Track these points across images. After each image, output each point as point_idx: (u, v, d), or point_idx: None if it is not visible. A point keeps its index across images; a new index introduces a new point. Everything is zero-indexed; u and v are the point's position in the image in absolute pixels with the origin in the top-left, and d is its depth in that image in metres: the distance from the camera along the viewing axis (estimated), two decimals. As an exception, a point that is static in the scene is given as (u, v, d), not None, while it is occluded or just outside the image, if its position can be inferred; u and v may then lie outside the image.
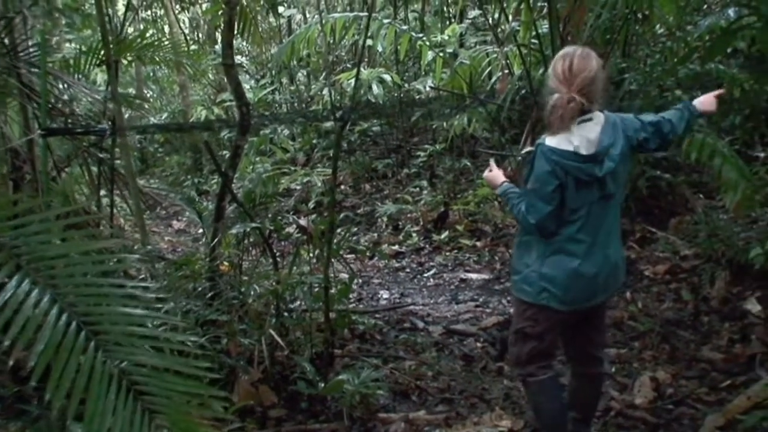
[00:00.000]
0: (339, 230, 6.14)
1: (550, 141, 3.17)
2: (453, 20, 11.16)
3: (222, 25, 5.37)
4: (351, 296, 5.92)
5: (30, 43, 4.64)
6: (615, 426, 4.09)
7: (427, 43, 7.75)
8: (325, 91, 11.09)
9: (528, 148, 3.33)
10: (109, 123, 4.81)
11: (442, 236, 8.40)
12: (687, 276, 5.97)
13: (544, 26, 6.84)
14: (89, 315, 2.33)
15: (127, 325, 2.42)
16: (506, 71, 7.22)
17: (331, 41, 10.32)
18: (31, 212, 2.62)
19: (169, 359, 2.39)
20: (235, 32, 5.18)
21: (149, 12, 13.40)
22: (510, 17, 7.69)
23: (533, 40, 6.92)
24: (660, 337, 5.11)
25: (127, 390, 2.26)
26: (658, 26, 7.57)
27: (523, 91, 7.55)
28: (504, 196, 3.47)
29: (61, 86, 4.88)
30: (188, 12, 14.35)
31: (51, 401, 2.15)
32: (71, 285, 2.41)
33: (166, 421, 2.27)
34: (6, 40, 4.32)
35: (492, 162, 3.63)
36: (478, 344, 5.40)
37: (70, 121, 4.88)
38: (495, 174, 3.55)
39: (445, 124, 9.50)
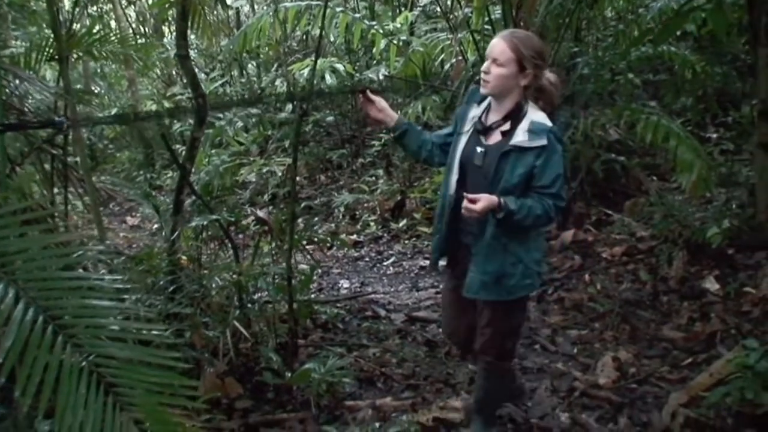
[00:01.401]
0: (299, 220, 6.11)
1: (549, 122, 3.22)
2: (404, 8, 11.14)
3: (169, 18, 5.29)
4: (312, 286, 5.90)
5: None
6: (580, 406, 4.13)
7: (380, 32, 7.75)
8: (278, 82, 11.01)
9: (540, 141, 3.11)
10: (63, 117, 4.72)
11: (400, 224, 8.39)
12: (644, 257, 6.03)
13: (496, 12, 6.86)
14: (53, 309, 2.28)
15: (92, 317, 2.37)
16: (460, 58, 7.24)
17: (283, 31, 10.25)
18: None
19: (137, 350, 2.35)
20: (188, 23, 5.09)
21: (95, 8, 13.17)
22: (462, 3, 7.71)
23: (486, 26, 6.95)
24: (620, 317, 5.16)
25: (97, 383, 2.21)
26: (609, 10, 7.65)
27: (477, 78, 7.55)
28: (519, 207, 3.12)
29: (12, 82, 4.77)
30: (135, 6, 14.14)
31: (19, 399, 2.10)
32: (32, 280, 2.35)
33: (139, 413, 2.24)
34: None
35: (465, 195, 3.14)
36: (440, 330, 5.41)
37: (22, 117, 4.77)
38: (485, 198, 3.08)
39: (399, 112, 9.47)
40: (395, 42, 7.88)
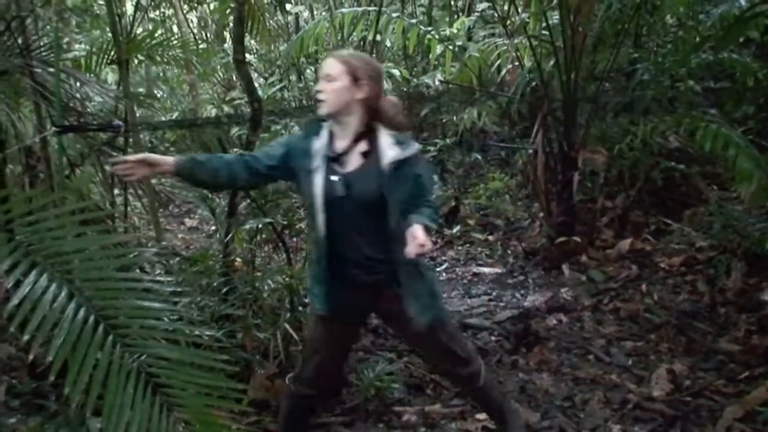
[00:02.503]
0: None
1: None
2: (461, 14, 11.12)
3: (230, 23, 5.36)
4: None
5: (42, 42, 4.64)
6: (632, 418, 4.07)
7: (436, 37, 7.73)
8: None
9: (412, 149, 3.10)
10: (122, 121, 4.81)
11: (454, 230, 8.36)
12: (703, 267, 5.93)
13: (554, 17, 6.80)
14: (107, 309, 2.32)
15: (145, 318, 2.40)
16: (516, 63, 7.20)
17: (340, 37, 10.29)
18: (45, 209, 2.61)
19: (187, 352, 2.37)
20: (245, 29, 5.16)
21: (158, 12, 13.38)
22: (519, 9, 7.66)
23: (543, 32, 6.89)
24: (676, 329, 5.08)
25: (145, 383, 2.24)
26: (669, 16, 7.52)
27: (534, 84, 7.51)
28: (431, 221, 3.01)
29: (73, 84, 4.87)
30: (196, 11, 14.34)
31: (69, 396, 2.14)
32: (88, 280, 2.39)
33: (186, 414, 2.26)
34: (19, 40, 4.31)
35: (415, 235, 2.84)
36: (492, 338, 5.37)
37: (82, 119, 4.88)
38: (419, 230, 2.84)
39: (454, 118, 9.46)
40: (451, 48, 7.85)
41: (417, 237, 2.82)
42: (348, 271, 3.17)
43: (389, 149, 3.05)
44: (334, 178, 3.06)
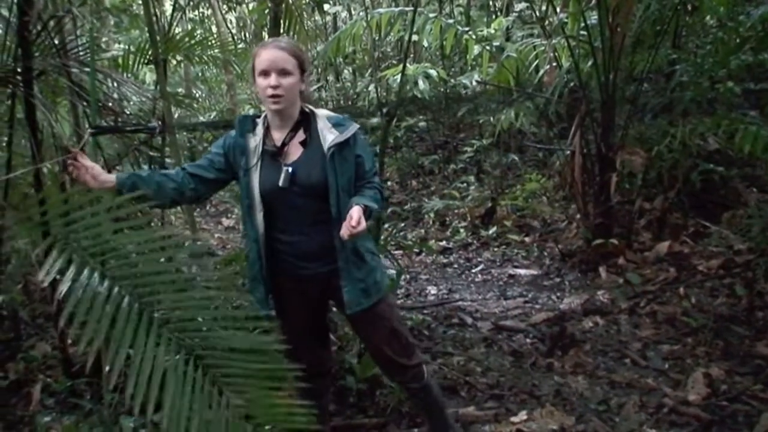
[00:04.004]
0: (386, 226, 6.13)
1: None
2: (499, 13, 11.09)
3: (268, 23, 5.39)
4: (399, 292, 5.89)
5: (79, 42, 4.67)
6: (668, 423, 4.03)
7: (473, 37, 7.72)
8: (371, 88, 11.10)
9: (351, 130, 3.07)
10: (159, 121, 4.83)
11: (490, 232, 8.36)
12: (741, 271, 5.86)
13: (592, 17, 6.76)
14: (160, 302, 2.31)
15: (196, 308, 2.38)
16: (554, 64, 7.16)
17: (377, 37, 10.32)
18: (81, 208, 2.62)
19: (241, 338, 2.36)
20: (281, 29, 5.18)
21: (196, 12, 13.51)
22: (557, 9, 7.63)
23: (581, 32, 6.85)
24: (713, 332, 5.02)
25: (203, 373, 2.22)
26: (708, 16, 7.44)
27: (572, 84, 7.47)
28: (374, 203, 3.04)
29: (111, 85, 4.91)
30: (235, 12, 14.46)
31: (105, 396, 2.15)
32: (138, 274, 2.38)
33: (244, 401, 2.23)
34: (56, 40, 4.35)
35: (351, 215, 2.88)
36: (528, 340, 5.35)
37: (120, 119, 4.92)
38: (356, 212, 2.87)
39: (491, 118, 9.44)
40: (488, 48, 7.84)
41: (352, 217, 2.83)
42: (299, 263, 3.17)
43: (329, 133, 3.05)
44: (276, 171, 3.04)
